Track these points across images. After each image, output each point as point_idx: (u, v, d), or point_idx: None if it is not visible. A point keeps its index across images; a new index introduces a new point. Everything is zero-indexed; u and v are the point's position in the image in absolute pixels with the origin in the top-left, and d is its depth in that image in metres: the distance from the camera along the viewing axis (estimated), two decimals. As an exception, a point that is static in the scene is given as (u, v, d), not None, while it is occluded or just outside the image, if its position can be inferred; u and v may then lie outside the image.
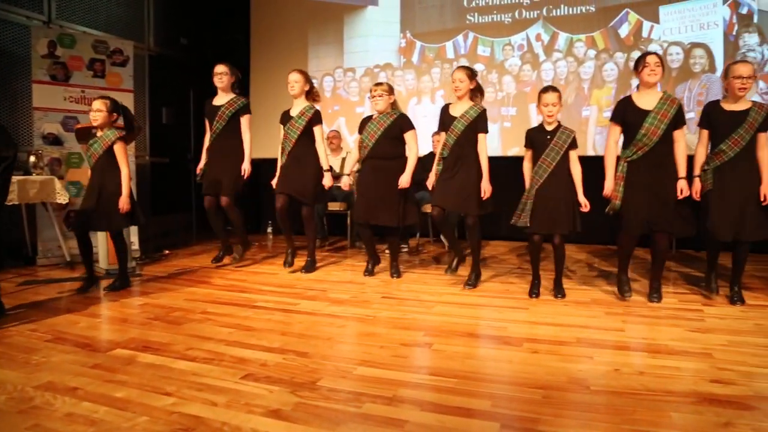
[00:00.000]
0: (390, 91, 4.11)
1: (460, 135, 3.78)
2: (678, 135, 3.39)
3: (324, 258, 5.24)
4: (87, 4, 5.55)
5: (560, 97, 3.57)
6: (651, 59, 3.36)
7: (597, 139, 5.72)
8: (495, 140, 6.00)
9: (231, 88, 4.53)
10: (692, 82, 5.44)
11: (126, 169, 3.79)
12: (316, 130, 4.34)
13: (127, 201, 3.76)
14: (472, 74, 3.83)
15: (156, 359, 2.53)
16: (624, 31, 5.64)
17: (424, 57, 6.36)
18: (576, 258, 5.15)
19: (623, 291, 3.56)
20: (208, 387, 2.21)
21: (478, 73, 3.97)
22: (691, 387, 2.21)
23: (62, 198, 4.63)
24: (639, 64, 3.42)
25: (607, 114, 5.63)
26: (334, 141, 6.13)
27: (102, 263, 4.40)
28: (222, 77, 4.46)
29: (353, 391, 2.18)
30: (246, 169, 4.43)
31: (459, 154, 3.80)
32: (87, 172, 3.93)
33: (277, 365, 2.46)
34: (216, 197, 4.44)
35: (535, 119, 5.86)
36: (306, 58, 6.84)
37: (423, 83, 6.36)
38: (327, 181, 4.32)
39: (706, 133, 3.45)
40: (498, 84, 6.07)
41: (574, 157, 3.59)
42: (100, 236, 4.37)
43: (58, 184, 4.65)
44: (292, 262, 4.51)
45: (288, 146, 4.32)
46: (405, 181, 4.04)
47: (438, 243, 6.03)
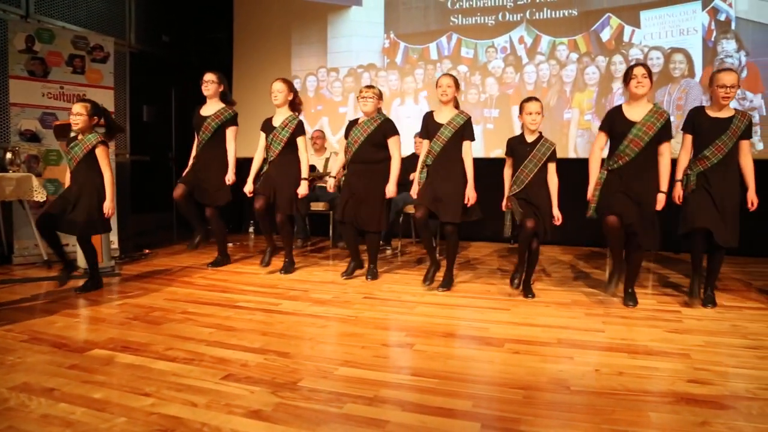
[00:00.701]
0: (380, 96, 4.13)
1: (447, 142, 3.78)
2: (663, 149, 3.41)
3: (306, 258, 5.22)
4: (66, -1, 5.47)
5: (542, 108, 3.63)
6: (638, 71, 3.36)
7: (578, 142, 5.77)
8: (478, 142, 6.00)
9: (220, 97, 4.50)
10: (672, 87, 5.52)
11: (109, 173, 3.73)
12: (300, 141, 4.34)
13: (112, 206, 3.72)
14: (458, 83, 3.86)
15: (135, 359, 2.49)
16: (606, 35, 5.71)
17: (408, 58, 6.38)
18: (557, 259, 5.20)
19: (609, 286, 3.53)
20: (188, 387, 2.19)
21: (462, 86, 3.99)
22: (669, 387, 2.24)
23: (39, 196, 4.55)
24: (627, 76, 3.43)
25: (589, 117, 5.72)
26: (318, 141, 6.11)
27: (81, 263, 4.33)
28: (208, 85, 4.44)
29: (334, 392, 2.17)
30: (230, 179, 4.45)
31: (444, 162, 3.80)
32: (65, 170, 3.86)
33: (258, 365, 2.45)
34: (191, 193, 4.40)
35: (518, 122, 5.90)
36: (289, 58, 6.81)
37: (406, 84, 6.37)
38: (302, 190, 4.30)
39: (690, 138, 3.49)
40: (481, 86, 6.11)
41: (552, 170, 3.64)
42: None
43: (36, 182, 4.57)
44: (269, 262, 4.47)
45: (271, 156, 4.32)
46: (391, 191, 4.07)
47: (420, 244, 6.04)
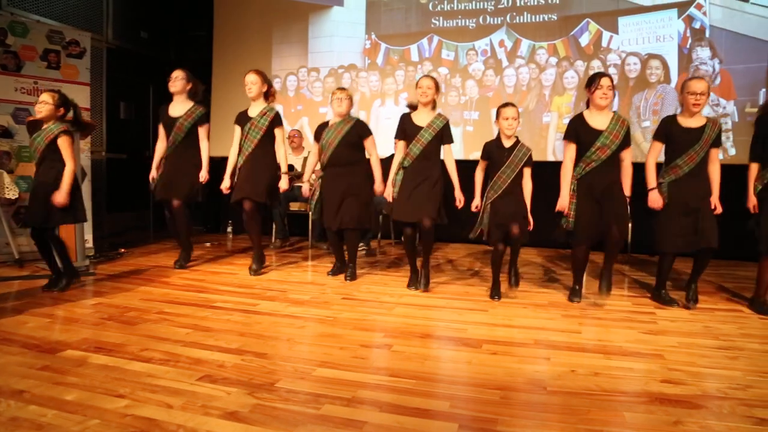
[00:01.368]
0: (351, 99, 4.15)
1: (427, 145, 3.79)
2: (625, 154, 3.52)
3: (284, 258, 5.19)
4: (42, -7, 5.36)
5: (519, 113, 3.68)
6: (605, 82, 3.39)
7: (557, 145, 5.83)
8: (457, 144, 6.03)
9: (188, 95, 4.45)
10: (648, 92, 5.61)
11: (71, 164, 3.60)
12: (278, 132, 4.31)
13: (65, 196, 3.54)
14: (438, 86, 3.87)
15: (109, 360, 2.45)
16: (585, 40, 5.78)
17: (389, 59, 6.38)
18: (534, 261, 5.24)
19: (573, 298, 3.67)
20: (164, 389, 2.16)
21: (442, 88, 4.01)
22: (643, 387, 2.28)
23: (11, 193, 4.46)
24: (592, 85, 3.45)
25: (567, 120, 5.77)
26: (296, 140, 6.09)
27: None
28: (175, 82, 4.38)
29: (312, 393, 2.16)
30: (203, 177, 4.41)
31: (423, 163, 3.81)
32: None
33: (235, 366, 2.42)
34: (171, 198, 4.39)
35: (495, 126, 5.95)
36: (270, 57, 6.77)
37: (387, 85, 6.38)
38: (284, 184, 4.29)
39: (659, 147, 3.55)
40: (461, 88, 6.14)
41: (527, 174, 3.69)
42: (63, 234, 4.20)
43: (7, 179, 4.47)
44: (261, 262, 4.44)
45: (248, 148, 4.25)
46: (380, 190, 4.09)
47: (399, 245, 6.04)
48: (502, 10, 6.01)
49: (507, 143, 3.67)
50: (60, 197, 3.53)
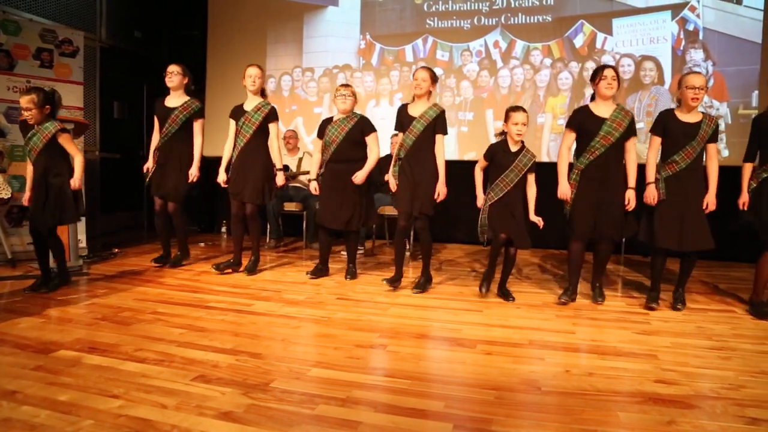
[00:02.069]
0: (355, 96, 4.13)
1: (419, 135, 3.78)
2: (629, 145, 3.53)
3: (279, 259, 5.19)
4: (35, -9, 5.33)
5: (528, 118, 3.64)
6: (608, 72, 3.46)
7: (551, 146, 5.85)
8: (452, 144, 6.07)
9: (184, 90, 4.44)
10: (642, 93, 5.64)
11: (80, 156, 3.67)
12: (272, 127, 4.29)
13: (80, 183, 3.64)
14: (435, 77, 3.85)
15: (103, 361, 2.44)
16: (579, 42, 5.80)
17: (384, 59, 6.38)
18: (529, 262, 5.25)
19: (566, 296, 3.65)
20: (158, 389, 2.15)
21: (438, 79, 3.99)
22: (637, 387, 2.29)
23: (4, 193, 4.43)
24: (596, 76, 3.52)
25: (562, 122, 5.79)
26: (291, 141, 6.08)
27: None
28: (172, 77, 4.36)
29: (307, 393, 2.16)
30: (194, 174, 4.38)
31: (416, 155, 3.81)
32: (28, 165, 3.74)
33: (230, 366, 2.42)
34: (165, 200, 4.39)
35: (492, 125, 5.96)
36: (264, 57, 6.75)
37: (382, 85, 6.38)
38: (279, 180, 4.28)
39: (659, 141, 3.55)
40: (456, 89, 6.14)
41: (531, 180, 3.69)
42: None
43: (0, 178, 4.44)
44: (238, 268, 4.41)
45: (241, 142, 4.24)
46: (359, 178, 4.05)
47: (394, 246, 6.04)
48: (497, 11, 6.02)
49: (513, 147, 3.66)
50: (76, 181, 3.62)
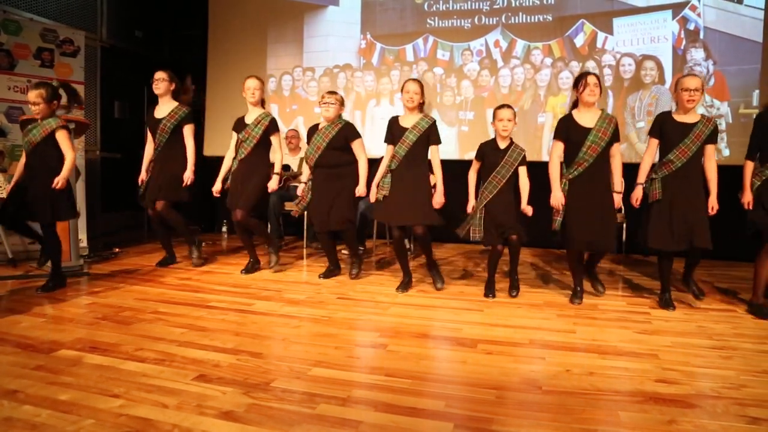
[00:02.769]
0: (341, 103, 4.14)
1: (412, 146, 3.79)
2: (614, 150, 3.56)
3: (279, 258, 5.18)
4: (35, -9, 5.33)
5: (515, 115, 3.70)
6: (591, 80, 3.48)
7: (552, 145, 5.84)
8: (452, 144, 6.07)
9: (172, 95, 4.44)
10: (643, 93, 5.63)
11: (72, 154, 3.63)
12: (274, 139, 4.33)
13: (64, 182, 3.56)
14: (423, 88, 3.88)
15: (103, 360, 2.44)
16: (579, 41, 5.80)
17: (384, 59, 6.38)
18: (529, 261, 5.25)
19: (574, 299, 3.67)
20: (158, 388, 2.15)
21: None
22: (638, 387, 2.29)
23: (4, 192, 4.43)
24: (579, 84, 3.53)
25: (562, 121, 5.78)
26: (293, 141, 6.08)
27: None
28: (159, 84, 4.37)
29: (307, 392, 2.16)
30: (188, 178, 4.38)
31: (409, 166, 3.81)
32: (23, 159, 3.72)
33: (231, 366, 2.42)
34: (155, 202, 4.40)
35: (492, 126, 5.95)
36: (265, 56, 6.76)
37: (382, 85, 6.37)
38: (273, 184, 4.26)
39: (656, 143, 3.56)
40: (456, 88, 6.14)
41: (524, 173, 3.72)
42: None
43: (0, 177, 4.44)
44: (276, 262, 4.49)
45: (242, 154, 4.26)
46: (361, 191, 4.07)
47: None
48: (498, 11, 6.01)
49: (502, 144, 3.70)
50: (60, 181, 3.54)
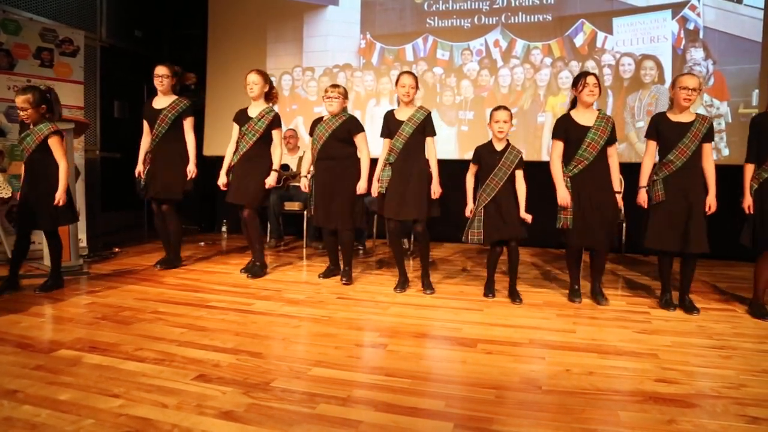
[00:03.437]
0: (345, 95, 4.09)
1: (409, 138, 3.80)
2: (611, 151, 3.58)
3: (279, 258, 5.19)
4: (34, -10, 5.33)
5: (511, 117, 3.70)
6: (590, 80, 3.49)
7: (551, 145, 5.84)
8: (452, 144, 6.07)
9: (172, 90, 4.42)
10: (643, 92, 5.63)
11: (64, 163, 3.60)
12: (275, 134, 4.27)
13: (64, 195, 3.58)
14: (417, 81, 3.88)
15: (103, 360, 2.44)
16: (579, 41, 5.80)
17: (384, 59, 6.38)
18: (529, 261, 5.25)
19: (574, 298, 3.70)
20: (158, 388, 2.15)
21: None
22: (638, 386, 2.29)
23: (4, 192, 4.43)
24: (578, 83, 3.53)
25: (561, 121, 5.78)
26: (292, 140, 6.08)
27: (46, 260, 4.22)
28: (162, 80, 4.34)
29: (307, 392, 2.16)
30: (192, 171, 4.37)
31: (407, 158, 3.81)
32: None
33: (230, 366, 2.42)
34: (159, 201, 4.39)
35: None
36: (264, 56, 6.75)
37: (382, 84, 6.37)
38: (270, 180, 4.20)
39: (654, 144, 3.55)
40: (456, 88, 6.14)
41: (520, 177, 3.70)
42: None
43: (0, 178, 4.44)
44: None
45: (243, 147, 4.20)
46: (362, 188, 4.04)
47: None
48: (497, 10, 6.01)
49: (498, 146, 3.68)
50: (60, 196, 3.56)
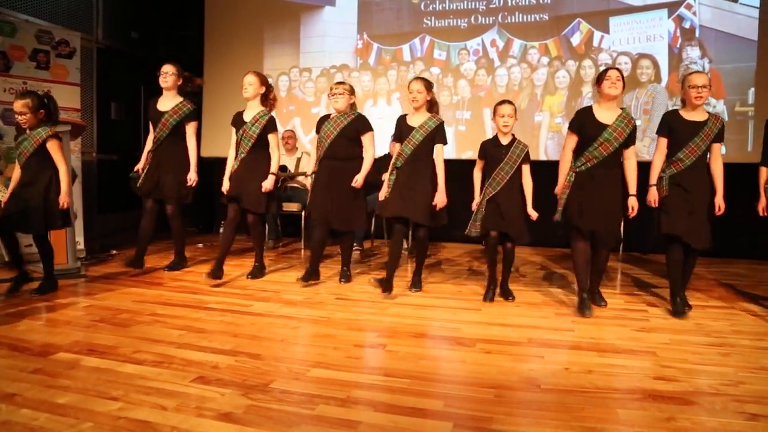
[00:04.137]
0: (351, 92, 4.05)
1: (418, 145, 3.77)
2: (629, 153, 3.46)
3: (278, 259, 5.18)
4: (30, -8, 5.31)
5: (516, 111, 3.66)
6: (612, 73, 3.41)
7: (549, 145, 5.85)
8: (450, 143, 6.02)
9: (177, 91, 4.40)
10: (639, 91, 5.64)
11: (64, 167, 3.61)
12: (271, 138, 4.22)
13: (68, 198, 3.60)
14: (429, 86, 3.83)
15: (101, 363, 2.44)
16: (576, 40, 5.80)
17: (381, 59, 6.38)
18: (528, 260, 5.26)
19: (585, 309, 3.36)
20: (157, 391, 2.15)
21: (434, 86, 3.97)
22: (637, 384, 2.29)
23: (0, 194, 4.41)
24: (601, 78, 3.46)
25: (559, 120, 5.80)
26: (290, 141, 6.07)
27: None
28: (166, 77, 4.31)
29: (306, 393, 2.16)
30: (192, 179, 4.35)
31: (415, 165, 3.79)
32: (16, 167, 3.71)
33: (229, 367, 2.42)
34: (157, 201, 4.36)
35: (489, 124, 5.96)
36: (261, 57, 6.75)
37: (379, 85, 6.37)
38: (267, 184, 4.13)
39: (665, 142, 3.48)
40: (453, 88, 6.14)
41: (527, 171, 3.68)
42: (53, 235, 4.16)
43: (-3, 180, 4.43)
44: (220, 275, 4.14)
45: (242, 153, 4.18)
46: (359, 183, 4.00)
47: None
48: (494, 10, 6.02)
49: (504, 140, 3.67)
50: (63, 200, 3.58)
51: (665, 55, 5.56)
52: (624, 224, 5.09)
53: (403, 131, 3.85)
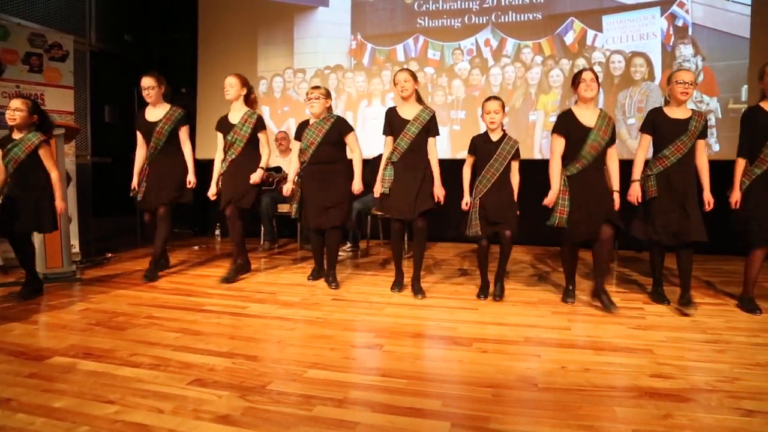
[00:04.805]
0: (327, 95, 4.05)
1: (414, 138, 3.75)
2: (611, 151, 3.54)
3: (273, 260, 5.18)
4: (22, -5, 5.29)
5: (503, 106, 3.66)
6: (587, 75, 3.46)
7: (544, 143, 5.86)
8: (444, 143, 6.07)
9: (163, 99, 4.35)
10: (633, 89, 5.66)
11: (56, 172, 3.61)
12: (261, 136, 4.23)
13: (62, 202, 3.60)
14: (415, 76, 3.82)
15: (98, 366, 2.43)
16: (569, 39, 5.82)
17: (375, 59, 6.38)
18: (524, 259, 5.27)
19: (567, 299, 3.66)
20: (154, 394, 2.14)
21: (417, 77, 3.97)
22: (633, 382, 2.30)
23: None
24: (576, 81, 3.52)
25: (554, 118, 5.78)
26: (283, 143, 6.06)
27: (39, 267, 4.19)
28: (149, 92, 4.26)
29: (304, 394, 2.16)
30: (191, 182, 4.33)
31: (411, 158, 3.78)
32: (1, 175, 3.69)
33: (226, 370, 2.41)
34: (157, 206, 4.31)
35: (483, 123, 5.96)
36: (255, 58, 6.74)
37: (373, 85, 6.38)
38: (255, 177, 4.14)
39: (648, 139, 3.56)
40: (447, 88, 6.15)
41: (515, 168, 3.69)
42: (37, 239, 4.15)
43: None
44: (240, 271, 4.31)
45: (232, 154, 4.17)
46: (357, 188, 4.01)
47: (388, 245, 6.04)
48: (487, 10, 6.03)
49: (494, 137, 3.67)
50: (60, 206, 3.59)
51: (658, 53, 5.58)
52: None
53: (396, 124, 3.81)
